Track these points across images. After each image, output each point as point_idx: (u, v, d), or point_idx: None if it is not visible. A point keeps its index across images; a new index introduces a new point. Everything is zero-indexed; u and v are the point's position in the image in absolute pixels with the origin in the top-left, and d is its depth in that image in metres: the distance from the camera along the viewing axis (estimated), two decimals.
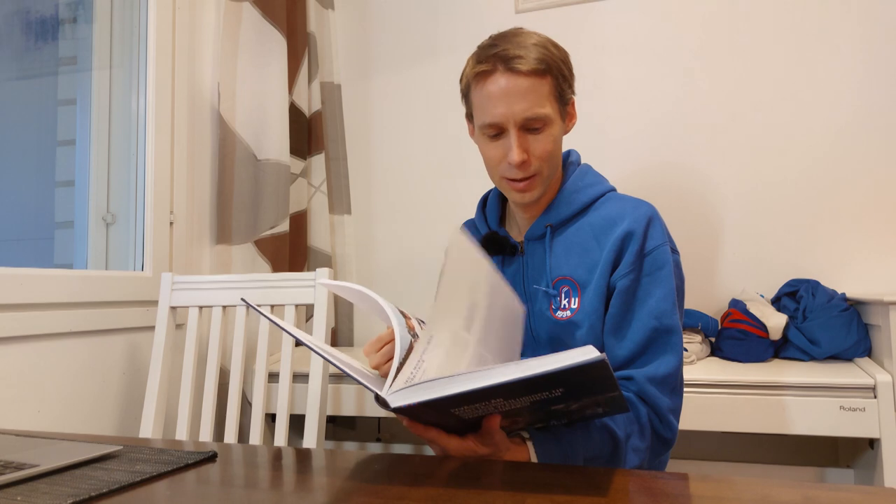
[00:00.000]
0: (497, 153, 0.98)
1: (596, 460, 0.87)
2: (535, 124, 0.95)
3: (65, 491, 0.61)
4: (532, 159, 0.96)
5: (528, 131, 0.96)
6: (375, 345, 0.85)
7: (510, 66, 0.94)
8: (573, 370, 0.62)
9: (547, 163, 0.98)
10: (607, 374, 0.65)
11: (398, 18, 2.03)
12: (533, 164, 0.97)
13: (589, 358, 0.61)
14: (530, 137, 0.96)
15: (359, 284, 0.85)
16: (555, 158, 1.00)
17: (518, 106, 0.94)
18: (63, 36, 1.59)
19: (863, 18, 1.64)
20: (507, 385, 0.63)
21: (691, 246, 1.71)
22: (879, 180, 1.61)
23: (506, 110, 0.94)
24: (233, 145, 1.65)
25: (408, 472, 0.68)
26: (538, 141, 0.96)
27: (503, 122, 0.95)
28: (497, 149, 0.98)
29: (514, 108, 0.94)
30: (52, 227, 1.54)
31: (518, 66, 0.93)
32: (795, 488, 0.59)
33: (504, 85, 0.94)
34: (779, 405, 1.25)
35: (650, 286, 0.96)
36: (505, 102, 0.94)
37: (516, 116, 0.94)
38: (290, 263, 1.76)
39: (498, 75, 0.95)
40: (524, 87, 0.94)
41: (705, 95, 1.74)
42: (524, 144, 0.96)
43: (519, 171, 0.97)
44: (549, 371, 0.62)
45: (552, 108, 0.97)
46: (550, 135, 0.97)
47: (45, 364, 1.24)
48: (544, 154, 0.97)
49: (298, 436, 1.33)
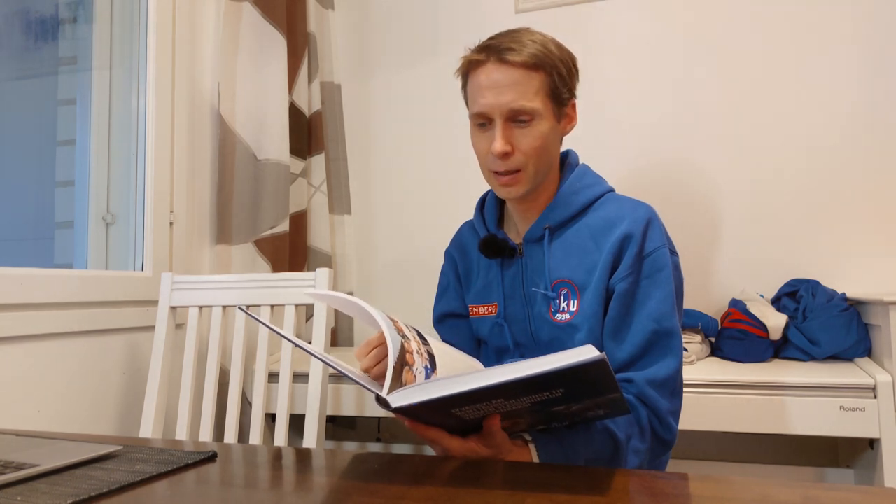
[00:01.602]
0: (484, 145, 0.98)
1: (597, 462, 0.87)
2: (522, 116, 0.95)
3: (65, 491, 0.61)
4: (516, 152, 0.96)
5: (514, 123, 0.96)
6: (365, 348, 0.85)
7: (501, 56, 0.94)
8: (573, 370, 0.62)
9: (533, 159, 0.97)
10: (607, 373, 0.64)
11: (398, 18, 2.03)
12: (516, 158, 0.96)
13: (588, 357, 0.61)
14: (517, 131, 0.96)
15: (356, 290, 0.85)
16: (544, 156, 0.99)
17: (505, 97, 0.94)
18: (63, 36, 1.59)
19: (862, 18, 1.64)
20: (507, 385, 0.64)
21: (691, 246, 1.71)
22: (879, 180, 1.61)
23: (493, 100, 0.94)
24: (233, 145, 1.65)
25: (408, 472, 0.68)
26: (524, 135, 0.96)
27: (489, 111, 0.95)
28: (484, 140, 0.98)
29: (500, 98, 0.94)
30: (52, 227, 1.54)
31: (509, 57, 0.94)
32: (795, 488, 0.59)
33: (493, 75, 0.95)
34: (779, 405, 1.25)
35: (649, 289, 0.96)
36: (493, 92, 0.94)
37: (502, 107, 0.94)
38: (290, 263, 1.76)
39: (489, 65, 0.95)
40: (512, 79, 0.94)
41: (705, 95, 1.74)
42: (509, 136, 0.95)
43: (502, 164, 0.96)
44: (549, 371, 0.62)
45: (542, 104, 0.96)
46: (538, 130, 0.96)
47: (45, 364, 1.24)
48: (529, 149, 0.96)
49: (298, 436, 1.33)
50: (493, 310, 1.07)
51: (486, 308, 1.09)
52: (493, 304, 1.08)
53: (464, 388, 0.64)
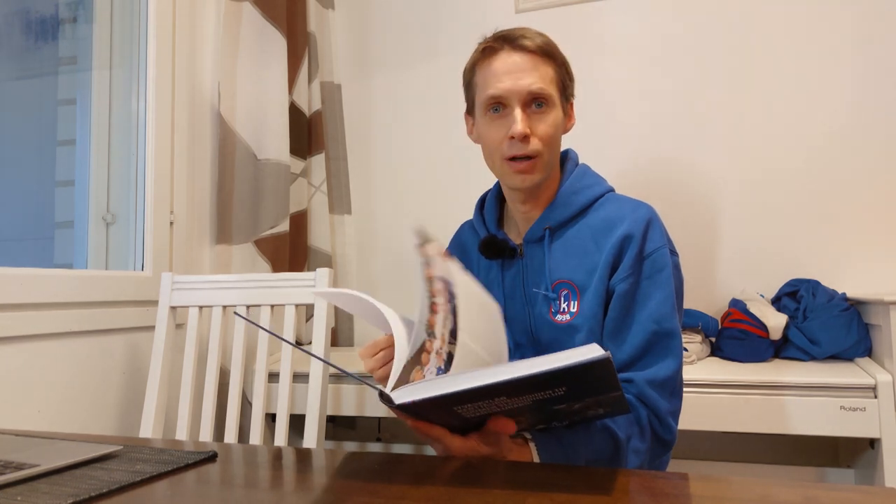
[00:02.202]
0: (499, 133, 0.98)
1: (597, 462, 0.87)
2: (541, 99, 0.96)
3: (65, 491, 0.61)
4: (533, 137, 0.96)
5: (532, 109, 0.96)
6: (371, 349, 0.84)
7: (516, 43, 0.96)
8: (578, 368, 0.62)
9: (548, 147, 0.98)
10: (611, 372, 0.64)
11: (398, 18, 2.03)
12: (534, 144, 0.96)
13: (593, 356, 0.61)
14: (533, 116, 0.96)
15: (357, 290, 0.84)
16: (555, 146, 1.00)
17: (524, 80, 0.95)
18: (63, 36, 1.59)
19: (863, 19, 1.64)
20: (510, 383, 0.63)
21: (691, 246, 1.71)
22: (880, 180, 1.61)
23: (511, 84, 0.95)
24: (233, 145, 1.65)
25: (408, 472, 0.68)
26: (541, 120, 0.97)
27: (507, 95, 0.96)
28: (500, 128, 0.98)
29: (520, 82, 0.95)
30: (52, 226, 1.54)
31: (524, 43, 0.96)
32: (795, 488, 0.59)
33: (510, 60, 0.96)
34: (779, 405, 1.25)
35: (649, 289, 0.96)
36: (511, 77, 0.95)
37: (521, 91, 0.95)
38: (290, 263, 1.76)
39: (505, 53, 0.97)
40: (530, 63, 0.96)
41: (705, 95, 1.74)
42: (527, 121, 0.96)
43: (521, 147, 0.96)
44: (554, 369, 0.62)
45: (556, 93, 0.98)
46: (554, 117, 0.98)
47: (45, 364, 1.24)
48: (545, 136, 0.97)
49: (298, 436, 1.33)
50: None
51: None
52: None
53: (467, 386, 0.64)
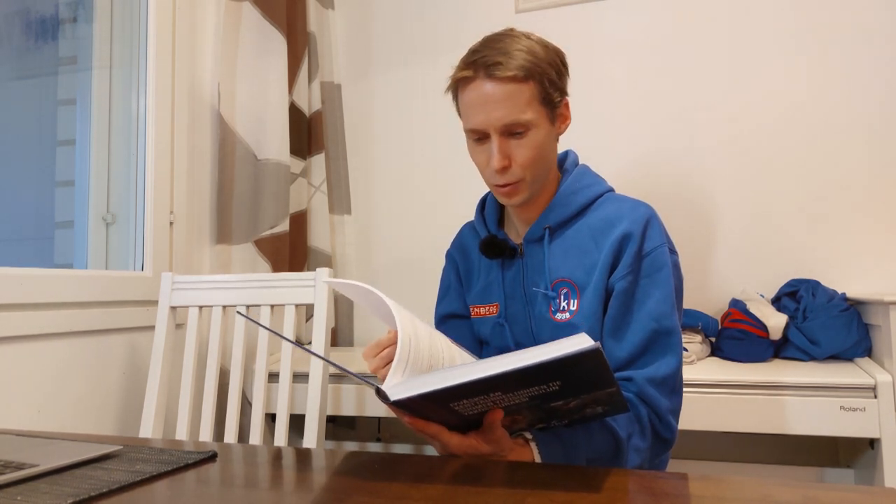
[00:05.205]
0: (482, 158, 0.99)
1: (598, 460, 0.87)
2: (517, 129, 0.95)
3: (65, 491, 0.61)
4: (514, 165, 0.96)
5: (510, 136, 0.96)
6: (374, 349, 0.84)
7: (490, 72, 0.94)
8: (570, 359, 0.62)
9: (530, 169, 0.97)
10: (603, 364, 0.65)
11: (398, 18, 2.03)
12: (515, 171, 0.96)
13: (583, 347, 0.61)
14: (513, 143, 0.96)
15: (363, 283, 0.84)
16: (541, 162, 0.99)
17: (496, 113, 0.94)
18: (63, 36, 1.59)
19: (863, 19, 1.64)
20: (504, 376, 0.64)
21: (691, 246, 1.71)
22: (880, 180, 1.61)
23: (485, 118, 0.95)
24: (233, 145, 1.65)
25: (408, 472, 0.68)
26: (520, 146, 0.96)
27: (484, 128, 0.96)
28: (482, 154, 0.99)
29: (491, 115, 0.94)
30: (52, 227, 1.54)
31: (497, 72, 0.93)
32: (795, 488, 0.59)
33: (483, 92, 0.94)
34: (779, 405, 1.25)
35: (649, 288, 0.96)
36: (484, 110, 0.94)
37: (495, 123, 0.94)
38: (290, 263, 1.76)
39: (478, 82, 0.95)
40: (502, 94, 0.93)
41: (705, 95, 1.74)
42: (506, 150, 0.96)
43: (501, 177, 0.97)
44: (546, 360, 0.62)
45: (535, 113, 0.95)
46: (534, 140, 0.96)
47: (45, 364, 1.24)
48: (526, 161, 0.96)
49: (298, 436, 1.33)
50: (494, 310, 1.08)
51: (487, 308, 1.09)
52: (493, 304, 1.08)
53: (461, 380, 0.64)
